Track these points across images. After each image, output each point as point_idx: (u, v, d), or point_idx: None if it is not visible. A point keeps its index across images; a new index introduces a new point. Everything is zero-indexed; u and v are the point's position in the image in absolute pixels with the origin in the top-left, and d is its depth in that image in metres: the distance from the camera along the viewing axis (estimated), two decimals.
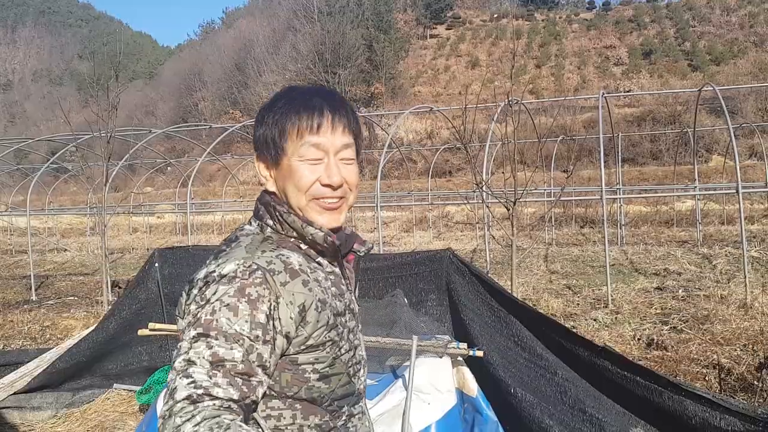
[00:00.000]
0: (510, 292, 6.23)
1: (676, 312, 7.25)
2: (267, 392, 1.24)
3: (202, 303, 1.19)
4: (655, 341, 6.04)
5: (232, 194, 23.38)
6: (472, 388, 3.50)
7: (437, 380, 3.41)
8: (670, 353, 5.69)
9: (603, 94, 9.30)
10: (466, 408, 3.48)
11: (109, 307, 6.96)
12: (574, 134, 23.57)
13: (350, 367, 1.37)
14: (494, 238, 8.01)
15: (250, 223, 1.41)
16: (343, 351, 1.34)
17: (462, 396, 3.52)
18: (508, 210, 6.30)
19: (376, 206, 9.50)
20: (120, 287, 9.15)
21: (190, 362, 1.13)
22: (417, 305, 4.61)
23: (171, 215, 23.84)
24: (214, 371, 1.12)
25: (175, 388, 1.11)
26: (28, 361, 5.46)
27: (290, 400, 1.28)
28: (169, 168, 28.92)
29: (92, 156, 17.24)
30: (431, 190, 18.45)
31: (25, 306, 9.72)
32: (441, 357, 3.54)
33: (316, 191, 1.34)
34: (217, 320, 1.15)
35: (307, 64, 49.04)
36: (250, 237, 1.34)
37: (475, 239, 16.35)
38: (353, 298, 1.46)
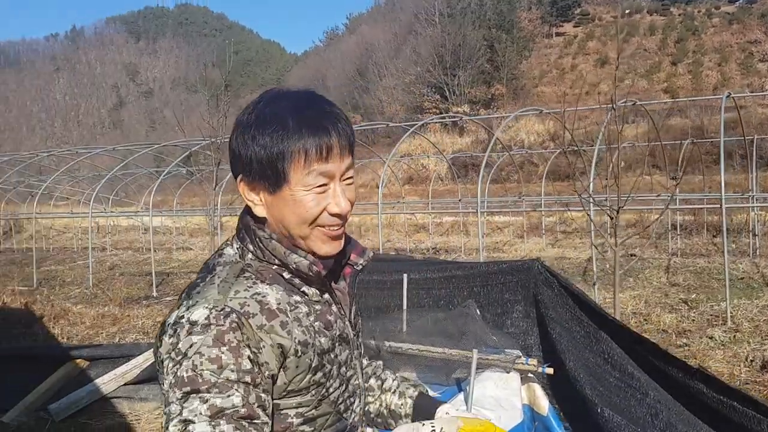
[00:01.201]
0: (613, 308, 5.95)
1: None
2: None
3: (179, 359, 1.07)
4: None
5: None
6: (543, 405, 3.34)
7: (502, 396, 3.27)
8: None
9: (729, 94, 8.62)
10: (536, 427, 3.33)
11: None
12: (712, 136, 22.02)
13: (340, 403, 1.27)
14: (596, 247, 7.62)
15: (231, 245, 1.28)
16: (331, 390, 1.24)
17: (532, 414, 3.37)
18: (612, 218, 5.97)
19: (478, 212, 9.34)
20: None
21: (187, 422, 1.03)
22: (501, 316, 4.47)
23: None
24: (216, 422, 1.03)
25: None
26: (138, 354, 5.83)
27: None
28: None
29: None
30: (546, 195, 17.86)
31: (145, 301, 10.37)
32: (508, 372, 3.41)
33: (323, 221, 1.21)
34: (201, 374, 1.05)
35: (426, 66, 49.34)
36: (227, 268, 1.21)
37: (593, 247, 15.64)
38: (347, 323, 1.33)
